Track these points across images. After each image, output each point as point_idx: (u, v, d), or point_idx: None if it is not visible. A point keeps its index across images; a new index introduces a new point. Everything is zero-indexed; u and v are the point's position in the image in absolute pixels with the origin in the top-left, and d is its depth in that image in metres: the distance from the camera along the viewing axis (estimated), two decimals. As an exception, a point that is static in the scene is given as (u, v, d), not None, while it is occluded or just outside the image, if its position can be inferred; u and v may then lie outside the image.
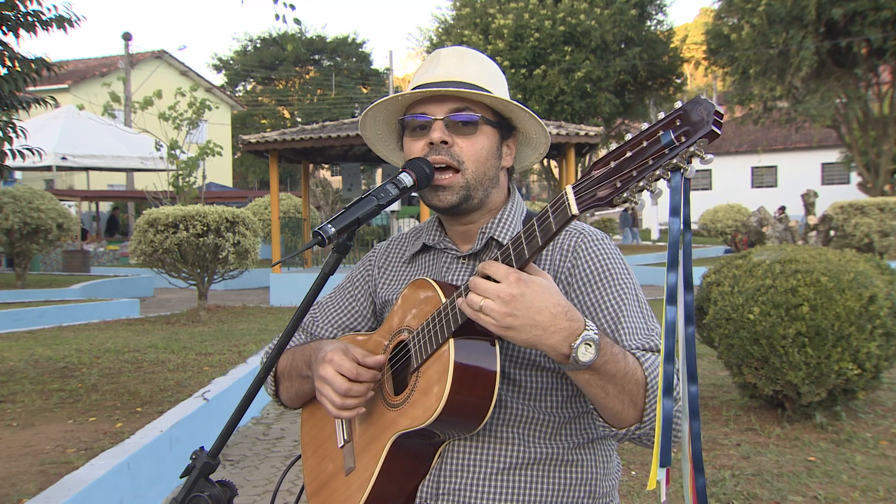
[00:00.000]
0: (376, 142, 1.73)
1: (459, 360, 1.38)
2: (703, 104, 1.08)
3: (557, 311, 1.27)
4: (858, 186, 24.48)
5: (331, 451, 1.66)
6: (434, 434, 1.49)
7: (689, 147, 1.09)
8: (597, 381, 1.33)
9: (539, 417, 1.53)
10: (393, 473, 1.50)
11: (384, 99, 1.62)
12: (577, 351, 1.27)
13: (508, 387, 1.52)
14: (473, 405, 1.39)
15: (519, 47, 25.05)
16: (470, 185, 1.55)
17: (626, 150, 1.15)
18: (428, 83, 1.56)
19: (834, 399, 5.15)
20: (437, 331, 1.42)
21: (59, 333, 9.47)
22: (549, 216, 1.24)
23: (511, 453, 1.52)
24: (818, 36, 20.54)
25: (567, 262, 1.54)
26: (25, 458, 4.38)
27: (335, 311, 1.78)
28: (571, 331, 1.27)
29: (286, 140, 14.45)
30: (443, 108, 1.54)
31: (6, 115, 5.97)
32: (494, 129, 1.58)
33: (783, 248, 5.77)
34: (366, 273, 1.79)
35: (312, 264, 16.40)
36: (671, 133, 1.10)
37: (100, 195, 26.92)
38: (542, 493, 1.52)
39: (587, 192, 1.19)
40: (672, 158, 1.10)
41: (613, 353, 1.33)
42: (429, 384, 1.42)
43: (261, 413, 6.24)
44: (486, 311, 1.26)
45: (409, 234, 1.79)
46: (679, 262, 1.14)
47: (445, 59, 1.59)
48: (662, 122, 1.12)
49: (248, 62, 46.65)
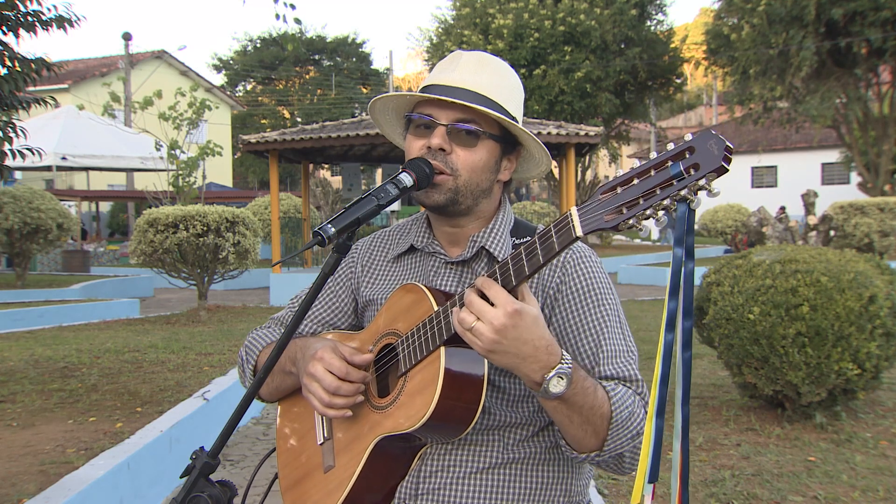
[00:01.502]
0: (384, 124, 1.73)
1: (450, 367, 1.39)
2: (713, 139, 1.10)
3: (540, 345, 1.31)
4: (858, 186, 24.47)
5: (309, 446, 1.66)
6: (417, 438, 1.50)
7: (699, 181, 1.10)
8: (564, 410, 1.38)
9: (519, 421, 1.55)
10: (373, 474, 1.51)
11: (394, 94, 1.62)
12: (549, 383, 1.32)
13: (491, 392, 1.54)
14: (460, 412, 1.41)
15: (519, 47, 25.04)
16: (459, 190, 1.55)
17: (634, 177, 1.17)
18: (441, 85, 1.55)
19: (834, 399, 5.15)
20: (429, 338, 1.43)
21: (59, 333, 9.47)
22: (552, 236, 1.26)
23: (490, 455, 1.54)
24: (818, 36, 20.53)
25: (556, 277, 1.56)
26: (25, 458, 4.38)
27: (317, 308, 1.78)
28: (548, 363, 1.32)
29: (286, 140, 14.45)
30: (448, 115, 1.54)
31: (6, 115, 5.97)
32: (496, 144, 1.58)
33: (783, 248, 5.77)
34: (348, 270, 1.78)
35: (312, 264, 16.40)
36: (680, 165, 1.11)
37: (100, 195, 26.92)
38: (520, 492, 1.54)
39: (593, 216, 1.21)
40: (680, 190, 1.12)
41: (584, 386, 1.37)
42: (417, 389, 1.43)
43: (261, 413, 6.24)
44: (476, 333, 1.29)
45: (393, 232, 1.79)
46: (680, 289, 1.18)
47: (464, 65, 1.58)
48: (672, 153, 1.14)
49: (248, 62, 46.63)
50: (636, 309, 11.81)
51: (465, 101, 1.51)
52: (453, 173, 1.54)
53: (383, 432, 1.46)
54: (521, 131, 1.56)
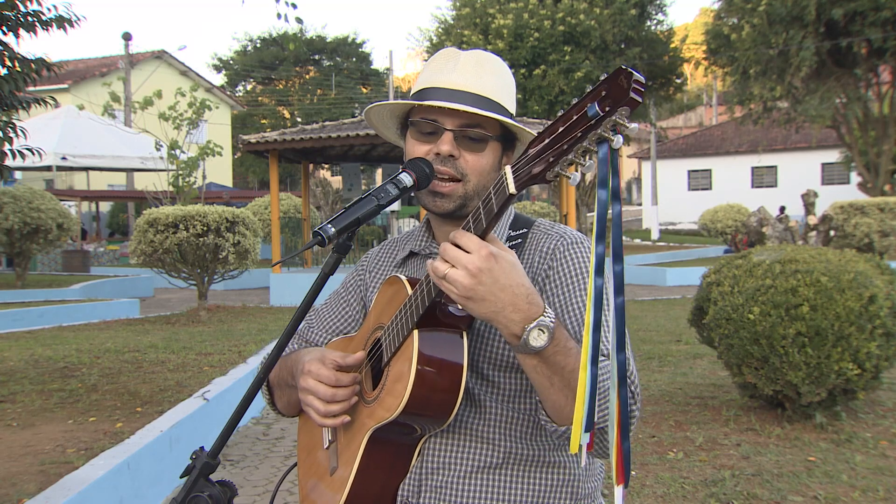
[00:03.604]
0: (378, 124, 1.72)
1: (423, 351, 1.39)
2: (623, 73, 1.09)
3: (520, 292, 1.27)
4: (858, 186, 24.47)
5: (319, 453, 1.68)
6: (409, 427, 1.50)
7: (612, 117, 1.09)
8: (544, 370, 1.33)
9: (518, 418, 1.54)
10: (372, 469, 1.51)
11: (398, 102, 1.61)
12: (529, 335, 1.27)
13: (487, 388, 1.54)
14: (440, 396, 1.40)
15: (519, 47, 25.05)
16: (468, 195, 1.56)
17: (559, 125, 1.16)
18: (443, 88, 1.54)
19: (834, 399, 5.15)
20: (403, 323, 1.43)
21: (59, 333, 9.47)
22: (491, 198, 1.26)
23: (491, 452, 1.53)
24: (818, 36, 20.54)
25: (545, 264, 1.56)
26: (25, 458, 4.39)
27: (330, 317, 1.80)
28: (528, 314, 1.28)
29: (286, 140, 14.45)
30: (455, 120, 1.53)
31: (6, 115, 5.97)
32: (499, 144, 1.59)
33: (783, 248, 5.77)
34: (358, 278, 1.80)
35: (312, 264, 16.40)
36: (596, 105, 1.10)
37: (100, 195, 26.91)
38: (525, 494, 1.53)
39: (523, 170, 1.20)
40: (596, 129, 1.11)
41: (567, 346, 1.33)
42: (397, 376, 1.43)
43: (261, 413, 6.24)
44: (450, 280, 1.26)
45: (400, 239, 1.81)
46: (607, 233, 1.16)
47: (464, 66, 1.56)
48: (589, 94, 1.13)
49: (248, 62, 46.61)
50: (636, 309, 11.81)
51: (475, 109, 1.51)
52: (463, 178, 1.54)
53: (374, 424, 1.46)
54: (521, 130, 1.57)
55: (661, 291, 15.35)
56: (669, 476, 4.35)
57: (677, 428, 5.30)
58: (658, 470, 4.47)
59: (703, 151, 38.28)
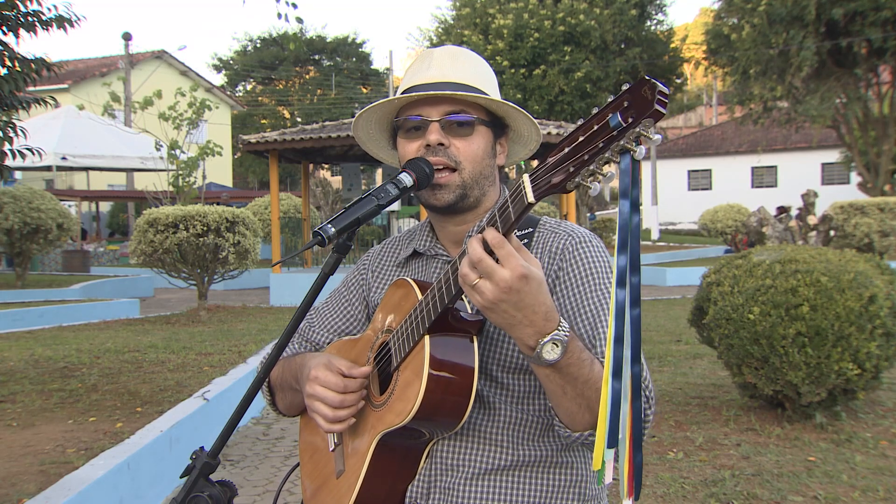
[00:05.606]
0: (367, 141, 1.73)
1: (435, 355, 1.38)
2: (647, 84, 1.07)
3: (539, 310, 1.27)
4: (858, 186, 24.48)
5: (324, 455, 1.67)
6: (418, 432, 1.49)
7: (635, 128, 1.08)
8: (557, 380, 1.34)
9: (527, 420, 1.54)
10: (380, 473, 1.50)
11: (379, 102, 1.61)
12: (543, 348, 1.28)
13: (496, 389, 1.53)
14: (452, 401, 1.40)
15: (519, 47, 25.06)
16: (466, 184, 1.56)
17: (579, 134, 1.15)
18: (422, 84, 1.56)
19: (834, 399, 5.14)
20: (414, 328, 1.43)
21: (59, 333, 9.47)
22: (508, 207, 1.24)
23: (499, 455, 1.53)
24: (818, 36, 20.54)
25: (555, 264, 1.56)
26: (25, 458, 4.39)
27: (331, 317, 1.79)
28: (544, 329, 1.28)
29: (286, 140, 14.45)
30: (438, 110, 1.55)
31: (6, 115, 5.96)
32: (488, 129, 1.59)
33: (783, 248, 5.77)
34: (360, 277, 1.79)
35: (312, 264, 16.39)
36: (618, 115, 1.09)
37: (100, 195, 26.92)
38: (533, 495, 1.53)
39: (542, 179, 1.19)
40: (619, 140, 1.10)
41: (581, 358, 1.33)
42: (407, 381, 1.43)
43: (261, 413, 6.24)
44: (479, 291, 1.26)
45: (402, 237, 1.80)
46: (627, 244, 1.14)
47: (439, 60, 1.59)
48: (611, 104, 1.12)
49: (248, 62, 46.61)
50: (636, 309, 11.78)
51: (452, 91, 1.52)
52: (457, 167, 1.55)
53: (383, 428, 1.46)
54: (508, 107, 1.57)
55: (661, 291, 15.36)
56: (669, 476, 4.35)
57: (677, 428, 5.30)
58: (658, 470, 4.47)
59: (703, 151, 38.28)
